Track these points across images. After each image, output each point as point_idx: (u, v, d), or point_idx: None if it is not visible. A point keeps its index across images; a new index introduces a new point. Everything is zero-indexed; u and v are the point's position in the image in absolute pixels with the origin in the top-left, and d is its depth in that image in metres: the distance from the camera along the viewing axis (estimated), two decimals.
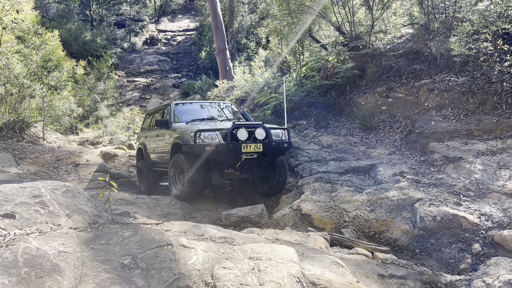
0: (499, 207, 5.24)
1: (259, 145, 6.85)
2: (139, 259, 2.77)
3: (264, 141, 6.95)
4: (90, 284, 2.41)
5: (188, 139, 6.90)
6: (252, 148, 6.80)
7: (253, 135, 6.92)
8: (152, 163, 8.96)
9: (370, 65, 9.32)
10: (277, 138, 7.26)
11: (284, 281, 2.72)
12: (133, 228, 3.28)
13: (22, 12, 12.22)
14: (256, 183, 8.14)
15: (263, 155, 6.96)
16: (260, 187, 8.05)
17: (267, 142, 6.97)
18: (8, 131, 10.73)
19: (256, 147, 6.83)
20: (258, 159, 7.01)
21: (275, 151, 7.20)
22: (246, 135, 6.83)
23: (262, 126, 7.05)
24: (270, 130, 7.09)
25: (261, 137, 6.95)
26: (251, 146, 6.79)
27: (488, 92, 7.06)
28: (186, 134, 7.03)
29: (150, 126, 9.46)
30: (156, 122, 8.13)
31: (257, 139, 6.93)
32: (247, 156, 6.80)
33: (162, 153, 8.28)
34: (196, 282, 2.59)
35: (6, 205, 3.11)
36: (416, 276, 3.76)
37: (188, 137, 6.92)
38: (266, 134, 7.00)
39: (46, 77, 11.91)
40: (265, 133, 7.00)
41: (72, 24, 28.10)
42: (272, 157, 7.36)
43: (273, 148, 7.04)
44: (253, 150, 6.81)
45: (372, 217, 5.78)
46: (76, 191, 3.76)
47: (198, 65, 28.06)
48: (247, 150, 6.76)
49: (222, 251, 3.06)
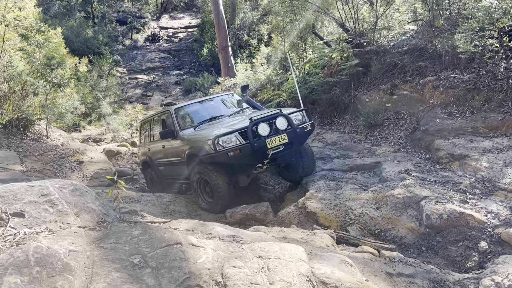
0: (505, 205, 5.23)
1: (284, 135, 6.35)
2: (149, 258, 2.77)
3: (287, 130, 6.43)
4: (102, 283, 2.41)
5: (205, 148, 6.41)
6: (278, 141, 6.30)
7: (274, 126, 6.39)
8: (164, 175, 8.43)
9: (374, 62, 9.29)
10: (297, 122, 6.71)
11: (294, 280, 2.72)
12: (142, 226, 3.28)
13: (25, 9, 12.22)
14: (284, 173, 7.76)
15: (290, 145, 6.49)
16: (289, 174, 7.65)
17: (291, 131, 6.43)
18: (12, 129, 10.73)
19: (281, 139, 6.33)
20: (285, 150, 6.53)
21: (301, 138, 6.75)
22: (267, 129, 6.28)
23: (281, 114, 6.50)
24: (290, 117, 6.55)
25: (283, 127, 6.42)
26: (275, 140, 6.29)
27: (494, 89, 7.04)
28: (201, 142, 6.57)
29: (150, 136, 8.86)
30: (161, 135, 7.45)
31: (280, 129, 6.39)
32: (274, 150, 6.31)
33: (174, 164, 7.76)
34: (207, 281, 2.59)
35: (16, 204, 3.11)
36: (424, 274, 3.75)
37: (204, 145, 6.44)
38: (288, 122, 6.47)
39: (50, 75, 11.91)
40: (286, 121, 6.47)
41: (73, 21, 28.10)
42: (299, 144, 6.92)
43: (299, 135, 6.56)
44: (279, 142, 6.32)
45: (378, 215, 5.78)
46: (83, 190, 3.76)
47: (200, 62, 28.04)
48: (273, 145, 6.26)
49: (231, 249, 3.05)
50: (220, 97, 8.61)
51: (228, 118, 7.54)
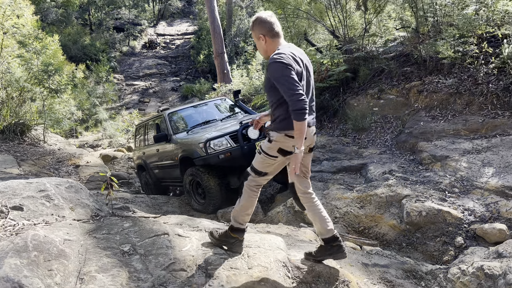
0: (482, 203, 5.49)
1: None
2: (137, 247, 3.01)
3: None
4: (93, 266, 2.65)
5: (197, 151, 6.62)
6: None
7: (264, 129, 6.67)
8: (158, 179, 8.60)
9: (363, 68, 9.59)
10: None
11: (271, 265, 2.96)
12: (132, 220, 3.52)
13: (23, 17, 12.47)
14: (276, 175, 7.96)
15: None
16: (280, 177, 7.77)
17: None
18: (9, 134, 10.95)
19: None
20: None
21: None
22: (257, 132, 6.35)
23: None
24: None
25: None
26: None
27: (475, 93, 7.33)
28: (193, 146, 6.78)
29: (145, 140, 9.07)
30: (155, 139, 7.53)
31: None
32: None
33: (168, 168, 7.92)
34: (190, 266, 2.83)
35: (14, 198, 3.35)
36: (398, 265, 4.00)
37: (196, 148, 6.64)
38: None
39: (47, 81, 12.15)
40: None
41: (71, 28, 28.43)
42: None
43: None
44: None
45: (362, 213, 6.03)
46: (78, 187, 4.01)
47: (197, 69, 28.38)
48: None
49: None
50: (213, 102, 8.81)
51: (220, 122, 7.75)
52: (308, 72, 3.04)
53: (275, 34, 3.02)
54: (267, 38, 3.02)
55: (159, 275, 2.67)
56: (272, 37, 3.02)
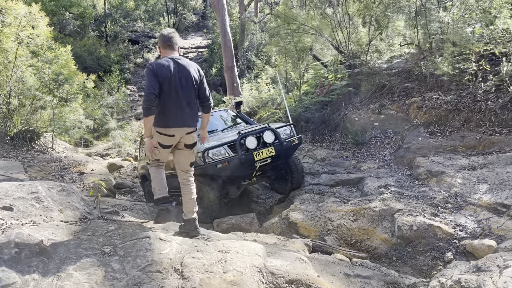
0: (474, 219, 5.49)
1: (271, 148, 6.66)
2: (118, 248, 3.12)
3: (274, 143, 6.74)
4: (72, 265, 2.76)
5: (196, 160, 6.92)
6: (265, 154, 6.62)
7: (262, 140, 6.72)
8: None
9: (365, 83, 9.68)
10: (285, 136, 7.03)
11: (246, 270, 3.04)
12: (118, 223, 3.64)
13: (37, 28, 12.87)
14: (274, 185, 8.07)
15: (277, 158, 6.81)
16: (279, 187, 7.95)
17: (278, 144, 6.74)
18: (18, 141, 11.23)
19: (268, 152, 6.64)
20: (273, 163, 6.85)
21: (288, 151, 7.06)
22: (255, 142, 6.60)
23: (269, 129, 6.82)
24: (277, 130, 6.88)
25: (270, 140, 6.73)
26: (263, 152, 6.60)
27: (473, 110, 7.35)
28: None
29: None
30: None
31: (267, 143, 6.71)
32: (262, 163, 6.63)
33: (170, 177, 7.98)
34: (166, 268, 2.92)
35: (6, 199, 3.49)
36: (381, 276, 4.03)
37: (195, 157, 6.95)
38: (275, 136, 6.79)
39: (57, 90, 12.47)
40: (273, 135, 6.79)
41: (87, 39, 29.12)
42: (286, 157, 7.24)
43: (285, 148, 6.86)
44: (266, 155, 6.62)
45: (355, 226, 6.06)
46: (70, 191, 4.14)
47: (209, 81, 28.65)
48: (260, 157, 6.58)
49: (196, 244, 3.39)
50: (215, 113, 8.97)
51: (221, 132, 7.89)
52: (184, 79, 3.78)
53: (166, 46, 3.88)
54: (161, 49, 3.95)
55: (134, 276, 2.76)
56: (163, 48, 3.91)
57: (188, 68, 3.82)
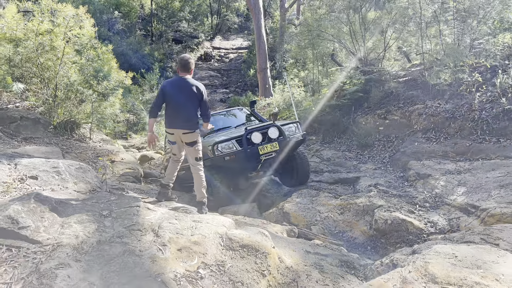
0: (446, 217, 6.01)
1: (275, 144, 7.21)
2: (113, 212, 3.98)
3: (279, 139, 7.28)
4: (74, 219, 3.64)
5: (207, 153, 7.18)
6: (269, 148, 7.17)
7: (267, 135, 7.26)
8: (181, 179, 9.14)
9: (374, 89, 10.20)
10: (290, 132, 7.55)
11: (210, 235, 3.81)
12: (119, 195, 4.52)
13: (84, 28, 14.21)
14: (282, 177, 8.77)
15: (281, 152, 7.32)
16: (286, 180, 8.66)
17: (281, 139, 7.28)
18: (60, 130, 12.52)
19: (272, 147, 7.18)
20: (277, 157, 7.37)
21: (291, 146, 7.52)
22: (260, 137, 7.14)
23: (273, 125, 7.35)
24: (282, 127, 7.41)
25: (275, 136, 7.27)
26: (267, 147, 7.16)
27: (467, 118, 7.77)
28: (205, 149, 7.42)
29: None
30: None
31: (272, 138, 7.26)
32: (266, 157, 7.18)
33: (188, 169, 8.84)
34: (146, 228, 3.75)
35: (33, 171, 4.45)
36: (338, 256, 4.68)
37: (207, 151, 7.21)
38: (279, 132, 7.32)
39: (96, 85, 13.74)
40: (278, 131, 7.31)
41: (133, 38, 30.82)
42: (290, 152, 7.72)
43: (289, 143, 7.36)
44: (270, 150, 7.17)
45: (340, 219, 6.70)
46: (87, 169, 5.08)
47: (246, 82, 29.75)
48: (265, 151, 7.13)
49: (176, 215, 4.20)
50: (231, 111, 9.81)
51: (234, 128, 8.65)
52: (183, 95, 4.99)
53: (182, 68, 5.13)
54: (178, 69, 5.19)
55: (119, 231, 3.61)
56: (180, 69, 5.15)
57: (191, 87, 5.01)
